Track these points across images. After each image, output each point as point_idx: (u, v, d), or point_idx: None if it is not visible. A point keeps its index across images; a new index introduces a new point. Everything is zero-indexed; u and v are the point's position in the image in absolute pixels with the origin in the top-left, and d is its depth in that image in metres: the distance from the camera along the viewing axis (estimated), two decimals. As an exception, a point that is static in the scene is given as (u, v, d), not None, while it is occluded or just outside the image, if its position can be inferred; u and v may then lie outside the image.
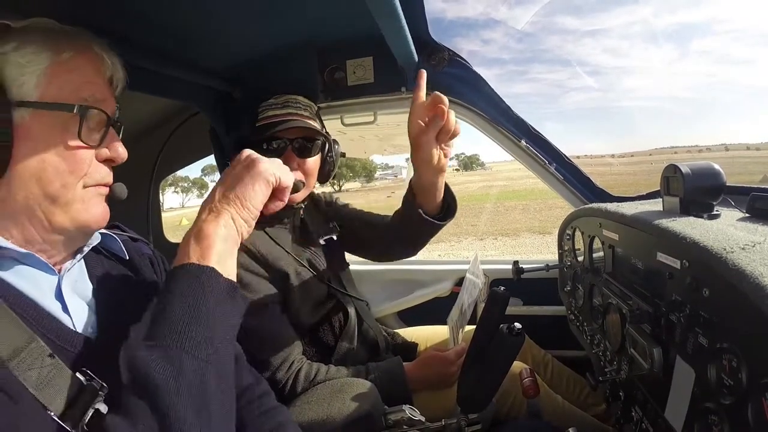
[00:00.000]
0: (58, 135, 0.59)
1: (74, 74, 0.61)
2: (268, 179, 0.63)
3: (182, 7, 1.08)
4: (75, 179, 0.61)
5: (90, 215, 0.64)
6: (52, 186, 0.59)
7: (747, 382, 0.55)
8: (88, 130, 0.62)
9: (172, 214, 40.16)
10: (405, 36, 1.18)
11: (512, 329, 0.81)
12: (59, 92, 0.59)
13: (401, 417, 0.97)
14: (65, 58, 0.60)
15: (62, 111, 0.59)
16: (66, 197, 0.60)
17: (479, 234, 13.05)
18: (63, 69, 0.60)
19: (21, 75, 0.57)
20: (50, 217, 0.60)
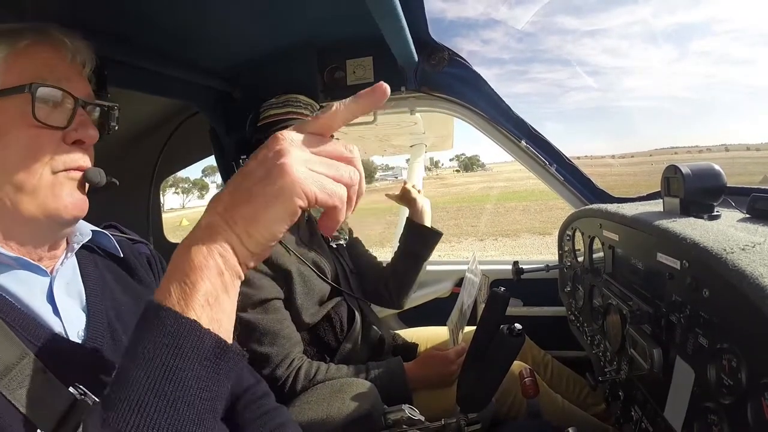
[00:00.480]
0: (17, 120, 0.57)
1: (32, 59, 0.59)
2: (295, 201, 0.40)
3: (182, 7, 1.08)
4: (40, 164, 0.58)
5: (60, 202, 0.60)
6: (16, 173, 0.56)
7: (746, 382, 0.55)
8: (48, 110, 0.59)
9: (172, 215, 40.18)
10: (405, 36, 1.18)
11: (512, 330, 0.82)
12: (18, 79, 0.57)
13: (401, 416, 0.97)
14: (22, 46, 0.59)
15: (17, 94, 0.57)
16: (31, 183, 0.57)
17: (479, 235, 13.05)
18: (21, 57, 0.58)
19: None
20: (19, 206, 0.57)
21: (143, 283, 0.76)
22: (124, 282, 0.73)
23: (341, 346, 1.27)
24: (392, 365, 1.23)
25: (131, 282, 0.75)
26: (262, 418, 0.85)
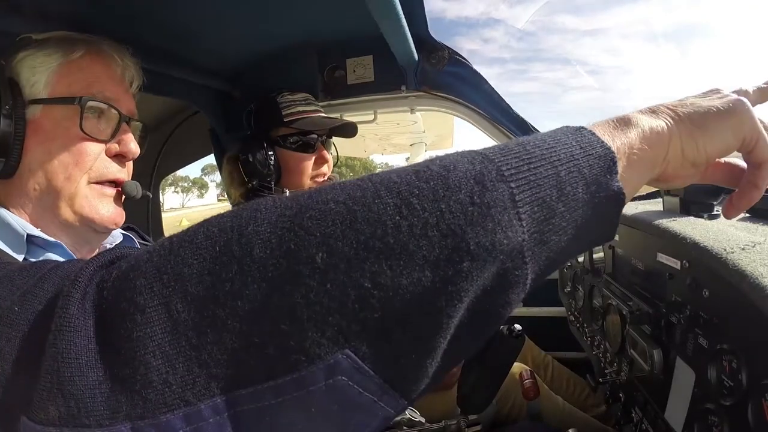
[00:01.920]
0: (65, 128, 0.61)
1: (84, 72, 0.63)
2: (743, 131, 0.36)
3: (182, 7, 1.07)
4: (79, 172, 0.61)
5: (95, 213, 0.63)
6: (57, 178, 0.60)
7: (747, 383, 0.55)
8: (95, 122, 0.63)
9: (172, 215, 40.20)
10: (405, 35, 1.18)
11: (512, 331, 0.81)
12: (68, 89, 0.61)
13: (401, 418, 0.97)
14: (75, 57, 0.62)
15: (67, 104, 0.61)
16: (69, 190, 0.61)
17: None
18: (73, 67, 0.62)
19: (33, 75, 0.60)
20: (57, 210, 0.61)
21: None
22: None
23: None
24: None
25: None
26: None
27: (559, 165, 0.29)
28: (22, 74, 0.60)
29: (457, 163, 0.29)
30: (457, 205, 0.26)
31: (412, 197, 0.26)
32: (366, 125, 1.75)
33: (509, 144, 0.31)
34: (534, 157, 0.29)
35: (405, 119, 2.05)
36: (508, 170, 0.28)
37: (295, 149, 1.26)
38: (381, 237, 0.25)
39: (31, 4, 0.83)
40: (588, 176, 0.30)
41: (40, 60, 0.61)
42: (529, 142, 0.31)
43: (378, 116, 1.73)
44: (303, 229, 0.26)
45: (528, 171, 0.28)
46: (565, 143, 0.31)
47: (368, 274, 0.25)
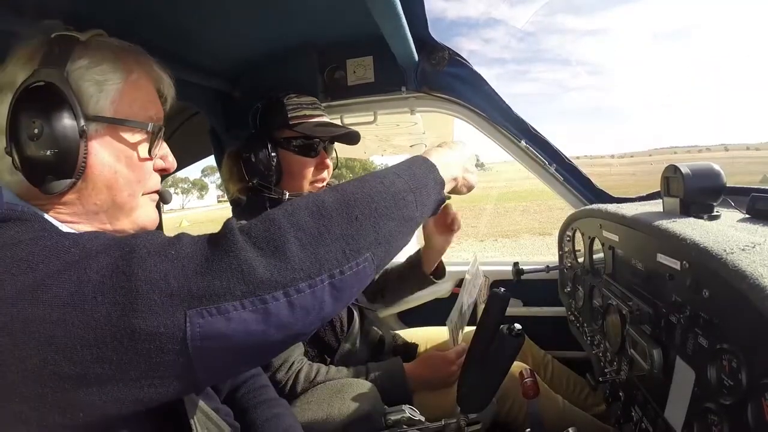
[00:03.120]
0: (130, 149, 0.64)
1: (141, 93, 0.66)
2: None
3: (182, 7, 1.08)
4: (139, 189, 0.66)
5: (148, 220, 0.68)
6: (121, 194, 0.63)
7: (747, 382, 0.55)
8: (154, 146, 0.67)
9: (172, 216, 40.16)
10: (405, 35, 1.18)
11: (512, 330, 0.81)
12: (129, 109, 0.64)
13: (401, 417, 0.97)
14: (134, 78, 0.65)
15: (135, 127, 0.64)
16: (131, 204, 0.65)
17: (479, 236, 13.04)
18: (133, 88, 0.65)
19: (98, 92, 0.61)
20: (113, 221, 0.64)
21: None
22: None
23: (341, 346, 1.27)
24: (392, 366, 1.23)
25: None
26: (261, 406, 0.89)
27: (433, 190, 0.64)
28: (84, 87, 0.60)
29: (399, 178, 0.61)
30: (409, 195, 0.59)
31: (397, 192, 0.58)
32: (366, 126, 1.75)
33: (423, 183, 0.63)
34: (421, 177, 0.63)
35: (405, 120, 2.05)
36: (415, 185, 0.61)
37: (298, 152, 1.26)
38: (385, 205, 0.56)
39: (32, 3, 0.83)
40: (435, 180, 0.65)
41: (105, 75, 0.61)
42: (417, 169, 0.64)
43: (378, 117, 1.73)
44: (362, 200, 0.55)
45: (426, 197, 0.62)
46: (425, 170, 0.65)
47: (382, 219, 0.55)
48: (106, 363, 0.43)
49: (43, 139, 0.56)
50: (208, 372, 0.47)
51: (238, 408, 0.88)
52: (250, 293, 0.45)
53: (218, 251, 0.47)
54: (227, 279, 0.45)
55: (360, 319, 1.34)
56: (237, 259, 0.46)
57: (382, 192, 0.56)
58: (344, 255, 0.50)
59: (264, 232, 0.49)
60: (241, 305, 0.45)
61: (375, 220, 0.54)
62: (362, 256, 0.52)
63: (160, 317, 0.43)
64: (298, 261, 0.48)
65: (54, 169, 0.57)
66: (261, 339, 0.47)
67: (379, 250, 0.54)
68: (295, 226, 0.49)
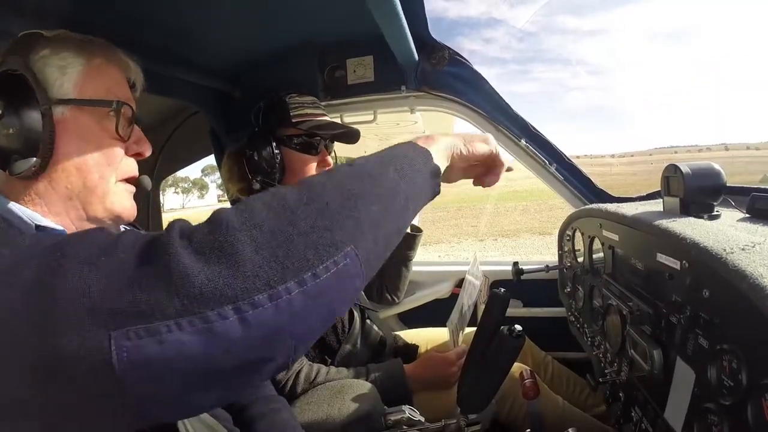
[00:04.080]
0: (96, 129, 0.64)
1: (105, 77, 0.66)
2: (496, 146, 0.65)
3: (182, 7, 1.08)
4: (110, 171, 0.65)
5: (122, 207, 0.67)
6: (91, 177, 0.63)
7: (747, 383, 0.55)
8: (122, 125, 0.66)
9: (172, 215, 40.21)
10: (405, 35, 1.18)
11: (513, 331, 0.81)
12: (94, 92, 0.64)
13: (401, 417, 0.97)
14: (97, 63, 0.65)
15: (100, 107, 0.64)
16: (103, 188, 0.64)
17: (479, 235, 13.04)
18: (96, 72, 0.65)
19: (62, 75, 0.62)
20: (87, 207, 0.63)
21: None
22: None
23: (342, 347, 1.27)
24: (392, 367, 1.23)
25: None
26: (257, 402, 0.89)
27: (419, 159, 0.54)
28: (46, 73, 0.61)
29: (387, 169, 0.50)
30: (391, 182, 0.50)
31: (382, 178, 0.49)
32: (366, 125, 1.75)
33: (403, 154, 0.54)
34: (398, 150, 0.54)
35: (405, 119, 2.05)
36: (391, 158, 0.52)
37: (300, 150, 1.28)
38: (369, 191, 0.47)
39: (32, 4, 0.83)
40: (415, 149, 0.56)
41: (68, 61, 0.62)
42: (392, 148, 0.55)
43: (378, 116, 1.73)
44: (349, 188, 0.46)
45: (410, 167, 0.52)
46: (402, 145, 0.56)
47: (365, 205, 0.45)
48: (38, 391, 0.37)
49: (5, 121, 0.58)
50: (153, 407, 0.39)
51: (235, 405, 0.88)
52: (186, 311, 0.37)
53: (152, 258, 0.39)
54: (158, 293, 0.37)
55: (361, 319, 1.34)
56: (169, 269, 0.37)
57: (353, 173, 0.48)
58: (316, 253, 0.40)
59: (208, 235, 0.40)
60: (177, 325, 0.36)
61: (351, 204, 0.44)
62: (341, 251, 0.41)
63: (81, 338, 0.36)
64: (252, 267, 0.38)
65: (19, 151, 0.58)
66: (209, 366, 0.38)
67: (364, 239, 0.43)
68: (248, 224, 0.40)
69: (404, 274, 1.57)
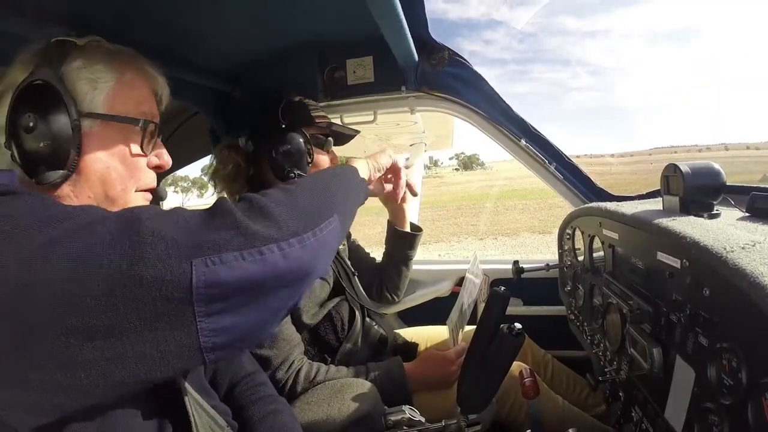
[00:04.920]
0: (122, 144, 0.66)
1: (135, 92, 0.69)
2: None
3: (182, 8, 1.08)
4: (132, 184, 0.68)
5: None
6: (114, 189, 0.65)
7: (747, 382, 0.55)
8: (146, 140, 0.69)
9: (172, 214, 40.01)
10: (405, 35, 1.18)
11: (512, 329, 0.81)
12: (123, 107, 0.66)
13: (401, 417, 0.97)
14: (128, 78, 0.68)
15: (128, 123, 0.67)
16: (123, 199, 0.66)
17: (479, 234, 13.04)
18: (126, 87, 0.67)
19: (93, 89, 0.64)
20: None
21: None
22: None
23: (342, 346, 1.27)
24: (392, 366, 1.23)
25: None
26: (258, 403, 0.90)
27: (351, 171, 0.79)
28: (78, 86, 0.63)
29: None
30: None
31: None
32: (366, 126, 1.75)
33: (341, 170, 0.77)
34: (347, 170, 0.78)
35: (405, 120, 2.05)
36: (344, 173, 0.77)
37: (315, 146, 1.34)
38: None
39: (32, 4, 0.83)
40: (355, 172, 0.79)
41: (98, 74, 0.65)
42: (343, 170, 0.77)
43: (378, 117, 1.73)
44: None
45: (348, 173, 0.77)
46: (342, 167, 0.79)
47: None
48: (113, 312, 0.45)
49: (37, 132, 0.59)
50: (212, 325, 0.49)
51: (235, 405, 0.88)
52: (248, 245, 0.50)
53: (215, 213, 0.52)
54: (226, 233, 0.50)
55: (361, 318, 1.34)
56: (233, 218, 0.51)
57: (324, 176, 0.71)
58: (320, 217, 0.60)
59: (248, 203, 0.56)
60: (241, 256, 0.49)
61: (328, 194, 0.65)
62: (331, 215, 0.62)
63: (167, 265, 0.46)
64: (284, 222, 0.54)
65: (47, 160, 0.60)
66: (262, 286, 0.52)
67: (339, 213, 0.64)
68: (271, 199, 0.57)
69: (404, 273, 1.57)
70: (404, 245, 1.52)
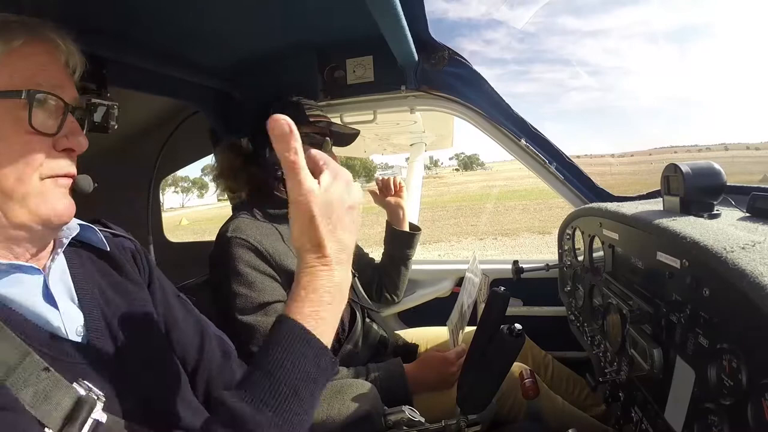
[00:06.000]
0: (9, 125, 0.55)
1: (27, 61, 0.57)
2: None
3: (182, 7, 1.07)
4: (30, 171, 0.56)
5: (50, 209, 0.58)
6: (7, 180, 0.55)
7: (747, 382, 0.55)
8: (42, 117, 0.57)
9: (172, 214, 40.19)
10: (405, 35, 1.18)
11: (513, 330, 0.81)
12: (10, 80, 0.56)
13: (401, 418, 0.97)
14: (16, 46, 0.56)
15: (10, 98, 0.55)
16: (21, 191, 0.56)
17: (479, 234, 13.04)
18: (14, 57, 0.56)
19: None
20: (8, 213, 0.56)
21: (129, 277, 0.74)
22: (110, 276, 0.72)
23: (342, 347, 1.27)
24: (392, 366, 1.23)
25: (116, 276, 0.73)
26: None
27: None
28: None
29: None
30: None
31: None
32: (366, 125, 1.75)
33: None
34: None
35: (405, 119, 2.05)
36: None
37: (311, 146, 1.30)
38: None
39: (32, 4, 0.83)
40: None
41: None
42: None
43: (378, 116, 1.73)
44: None
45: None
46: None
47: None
48: None
49: None
50: None
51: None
52: None
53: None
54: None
55: (362, 319, 1.34)
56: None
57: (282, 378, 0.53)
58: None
59: None
60: None
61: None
62: None
63: None
64: None
65: None
66: None
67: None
68: None
69: (403, 274, 1.57)
70: (403, 245, 1.52)
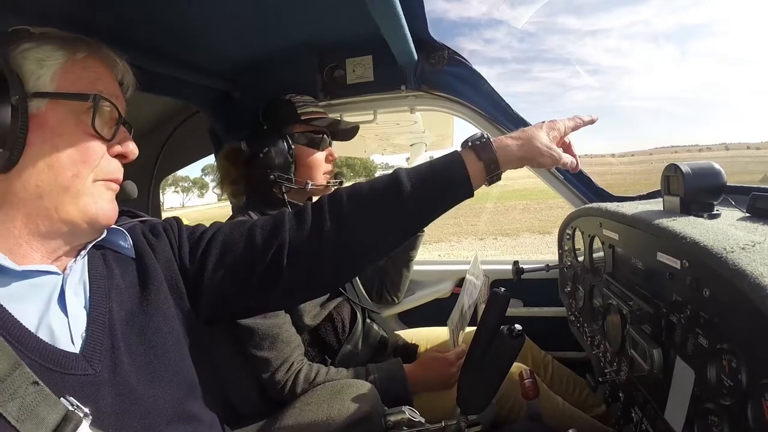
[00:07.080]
0: (72, 124, 0.61)
1: (89, 71, 0.64)
2: None
3: (182, 7, 1.07)
4: (87, 170, 0.62)
5: (99, 209, 0.63)
6: (64, 175, 0.60)
7: (747, 382, 0.55)
8: (101, 122, 0.63)
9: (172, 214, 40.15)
10: (404, 35, 1.18)
11: (513, 331, 0.81)
12: (74, 85, 0.61)
13: (401, 418, 0.97)
14: (80, 57, 0.63)
15: (77, 101, 0.61)
16: (77, 188, 0.61)
17: (479, 234, 13.03)
18: (78, 65, 0.62)
19: (39, 68, 0.60)
20: (59, 207, 0.60)
21: (154, 282, 0.73)
22: (131, 279, 0.72)
23: (342, 347, 1.27)
24: (392, 367, 1.23)
25: (138, 280, 0.72)
26: None
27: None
28: (25, 66, 0.59)
29: None
30: None
31: None
32: (366, 125, 1.75)
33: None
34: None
35: (405, 119, 2.05)
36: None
37: (308, 145, 1.32)
38: None
39: (30, 3, 0.83)
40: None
41: (47, 53, 0.60)
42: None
43: (378, 116, 1.73)
44: None
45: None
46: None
47: None
48: None
49: None
50: None
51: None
52: None
53: None
54: None
55: (362, 320, 1.34)
56: None
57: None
58: None
59: None
60: None
61: None
62: None
63: None
64: None
65: None
66: None
67: None
68: None
69: (405, 274, 1.57)
70: (406, 246, 1.52)
